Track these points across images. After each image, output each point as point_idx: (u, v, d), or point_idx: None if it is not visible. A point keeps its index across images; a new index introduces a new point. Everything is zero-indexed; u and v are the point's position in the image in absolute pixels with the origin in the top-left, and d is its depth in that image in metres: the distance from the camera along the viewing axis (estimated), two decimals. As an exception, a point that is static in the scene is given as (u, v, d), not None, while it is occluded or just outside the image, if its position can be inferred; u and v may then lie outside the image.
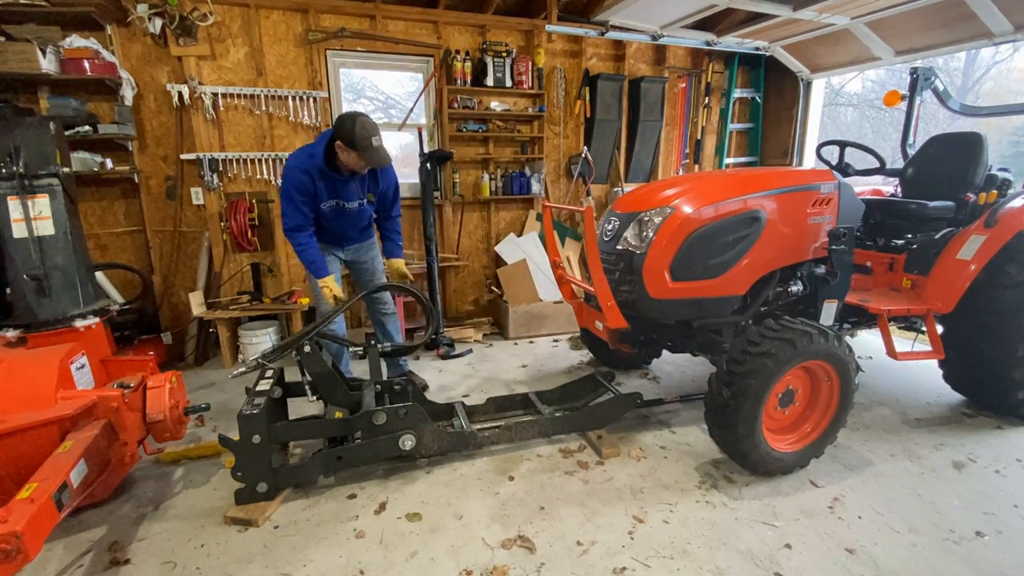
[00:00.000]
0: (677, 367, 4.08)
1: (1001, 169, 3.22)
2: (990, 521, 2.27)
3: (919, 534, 2.19)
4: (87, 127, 3.80)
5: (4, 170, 2.60)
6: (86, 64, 3.71)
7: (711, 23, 5.15)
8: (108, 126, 3.89)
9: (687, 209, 2.61)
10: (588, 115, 5.34)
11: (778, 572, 1.98)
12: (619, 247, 2.78)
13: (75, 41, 3.69)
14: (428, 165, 4.61)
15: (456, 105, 4.84)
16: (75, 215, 2.87)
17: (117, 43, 3.98)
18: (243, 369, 2.51)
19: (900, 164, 3.71)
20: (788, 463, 2.55)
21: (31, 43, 3.50)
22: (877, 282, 3.36)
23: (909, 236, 3.39)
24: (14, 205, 2.63)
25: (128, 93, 3.96)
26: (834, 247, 2.75)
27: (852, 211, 2.89)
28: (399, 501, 2.42)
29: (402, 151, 5.24)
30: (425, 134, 4.83)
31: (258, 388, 2.53)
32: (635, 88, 5.45)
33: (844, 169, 3.12)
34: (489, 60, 4.83)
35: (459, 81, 4.82)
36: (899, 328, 3.46)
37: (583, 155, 5.33)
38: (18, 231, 2.66)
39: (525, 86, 5.01)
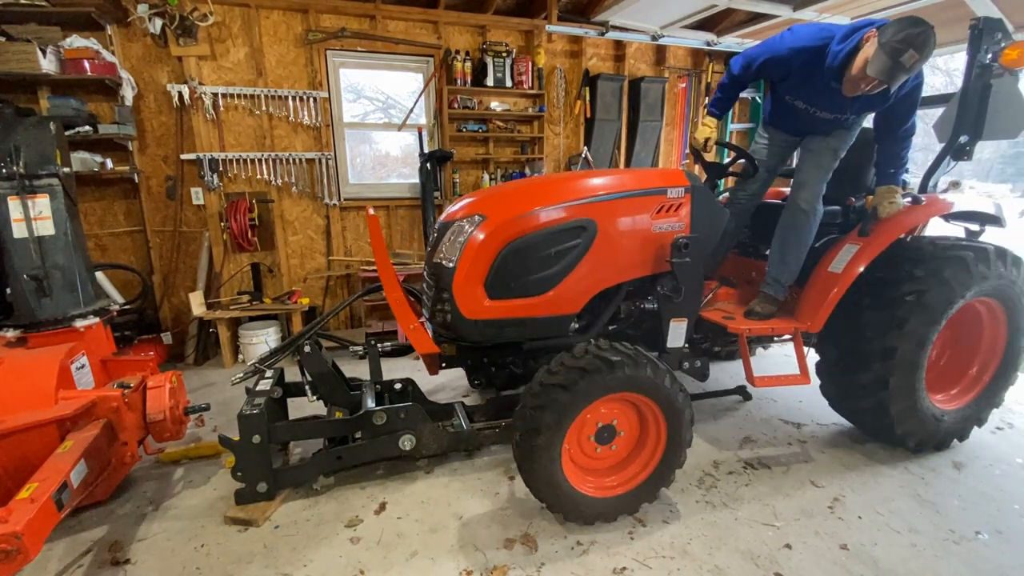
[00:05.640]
0: (677, 367, 4.07)
1: None
2: (990, 521, 2.27)
3: (919, 534, 2.19)
4: (87, 127, 3.80)
5: (4, 170, 2.60)
6: (86, 64, 3.71)
7: (711, 23, 5.16)
8: (108, 126, 3.89)
9: (501, 217, 2.29)
10: (588, 115, 5.33)
11: (778, 572, 1.98)
12: (435, 259, 2.44)
13: (75, 41, 3.69)
14: (428, 165, 4.61)
15: (456, 105, 4.84)
16: (75, 215, 2.87)
17: (117, 43, 3.99)
18: (242, 375, 2.54)
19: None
20: (609, 509, 2.21)
21: (31, 43, 3.50)
22: (756, 296, 2.91)
23: None
24: (14, 205, 2.63)
25: (128, 93, 3.96)
26: (675, 260, 2.37)
27: (708, 218, 2.54)
28: (399, 501, 2.42)
29: (402, 151, 5.25)
30: (425, 134, 4.83)
31: (258, 388, 2.54)
32: (635, 88, 5.45)
33: (712, 169, 2.85)
34: (489, 60, 4.83)
35: (459, 81, 4.82)
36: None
37: (583, 155, 5.33)
38: (18, 231, 2.65)
39: (525, 86, 5.01)
